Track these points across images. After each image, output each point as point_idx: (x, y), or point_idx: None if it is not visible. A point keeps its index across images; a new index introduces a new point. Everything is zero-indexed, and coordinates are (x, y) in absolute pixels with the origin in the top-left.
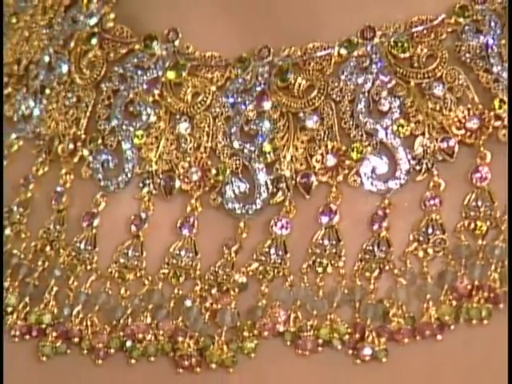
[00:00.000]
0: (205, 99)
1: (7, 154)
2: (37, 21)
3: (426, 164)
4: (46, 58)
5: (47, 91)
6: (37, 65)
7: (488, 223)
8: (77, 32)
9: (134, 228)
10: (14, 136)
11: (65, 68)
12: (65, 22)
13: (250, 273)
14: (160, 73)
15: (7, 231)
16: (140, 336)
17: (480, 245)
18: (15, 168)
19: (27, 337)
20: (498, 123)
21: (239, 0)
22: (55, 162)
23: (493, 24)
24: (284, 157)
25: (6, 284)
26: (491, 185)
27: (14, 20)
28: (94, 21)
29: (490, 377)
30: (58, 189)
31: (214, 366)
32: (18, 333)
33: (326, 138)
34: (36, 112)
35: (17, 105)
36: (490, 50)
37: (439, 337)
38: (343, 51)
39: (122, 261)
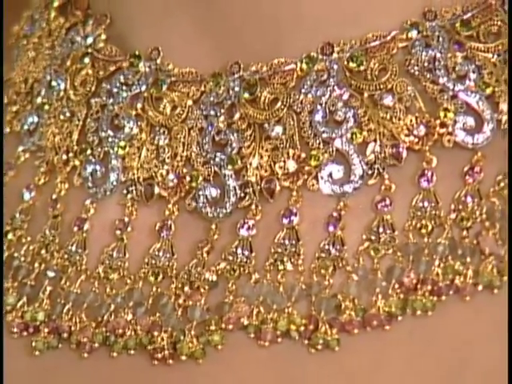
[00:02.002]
0: (181, 112)
1: (14, 165)
2: (42, 43)
3: (378, 169)
4: (47, 77)
5: (46, 107)
6: (39, 83)
7: (433, 222)
8: (73, 52)
9: (118, 232)
10: (20, 149)
11: (62, 85)
12: (64, 43)
13: (219, 271)
14: (142, 88)
15: (10, 236)
16: (121, 331)
17: (426, 242)
18: (21, 178)
19: (25, 333)
20: (442, 130)
21: (213, 22)
22: (53, 172)
23: (441, 39)
24: (250, 164)
25: (7, 285)
26: (436, 187)
27: (24, 42)
28: (89, 41)
29: (432, 362)
30: (54, 196)
31: (184, 357)
32: (16, 330)
33: (287, 147)
34: (38, 126)
35: (23, 120)
36: (436, 63)
37: (387, 327)
38: (304, 66)
39: (107, 262)
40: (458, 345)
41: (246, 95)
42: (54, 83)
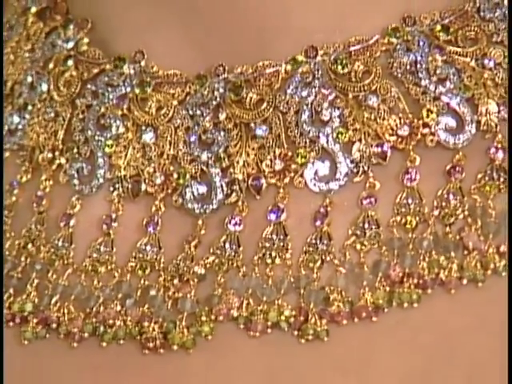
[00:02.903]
0: (167, 112)
1: None
2: (21, 46)
3: (363, 167)
4: (29, 79)
5: (29, 107)
6: (21, 84)
7: (417, 218)
8: (55, 55)
9: (105, 227)
10: None
11: (45, 87)
12: (45, 46)
13: (208, 265)
14: (128, 89)
15: None
16: (110, 322)
17: (410, 237)
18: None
19: (11, 324)
20: (425, 130)
21: (198, 27)
22: (37, 170)
23: (421, 43)
24: (237, 162)
25: None
26: (420, 185)
27: None
28: (70, 45)
29: (420, 351)
30: (39, 193)
31: (175, 347)
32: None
33: (274, 145)
34: (20, 126)
35: (4, 120)
36: (418, 66)
37: (374, 318)
38: (289, 68)
39: (94, 255)
40: (445, 335)
41: (232, 96)
42: (36, 85)
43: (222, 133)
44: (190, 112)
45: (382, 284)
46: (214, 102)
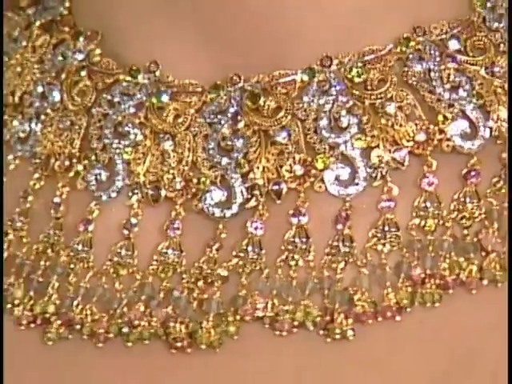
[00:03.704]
0: (185, 120)
1: (5, 172)
2: (27, 58)
3: (381, 172)
4: (40, 89)
5: (42, 117)
6: (30, 95)
7: (436, 221)
8: (67, 66)
9: (125, 231)
10: (10, 156)
11: (57, 96)
12: (55, 57)
13: (231, 267)
14: (144, 98)
15: (10, 237)
16: (136, 322)
17: (430, 239)
18: (14, 183)
19: (32, 325)
20: (441, 136)
21: (211, 36)
22: (51, 177)
23: (432, 52)
24: (257, 168)
25: (11, 280)
26: (437, 189)
27: (5, 59)
28: (81, 56)
29: (443, 348)
30: (56, 199)
31: (203, 347)
32: (24, 322)
33: (293, 151)
34: (32, 135)
35: (13, 130)
36: (432, 74)
37: (398, 318)
38: (305, 77)
39: (115, 259)
40: (467, 333)
41: (250, 104)
42: (47, 95)
43: (241, 139)
44: (208, 120)
45: (404, 285)
46: (232, 110)
